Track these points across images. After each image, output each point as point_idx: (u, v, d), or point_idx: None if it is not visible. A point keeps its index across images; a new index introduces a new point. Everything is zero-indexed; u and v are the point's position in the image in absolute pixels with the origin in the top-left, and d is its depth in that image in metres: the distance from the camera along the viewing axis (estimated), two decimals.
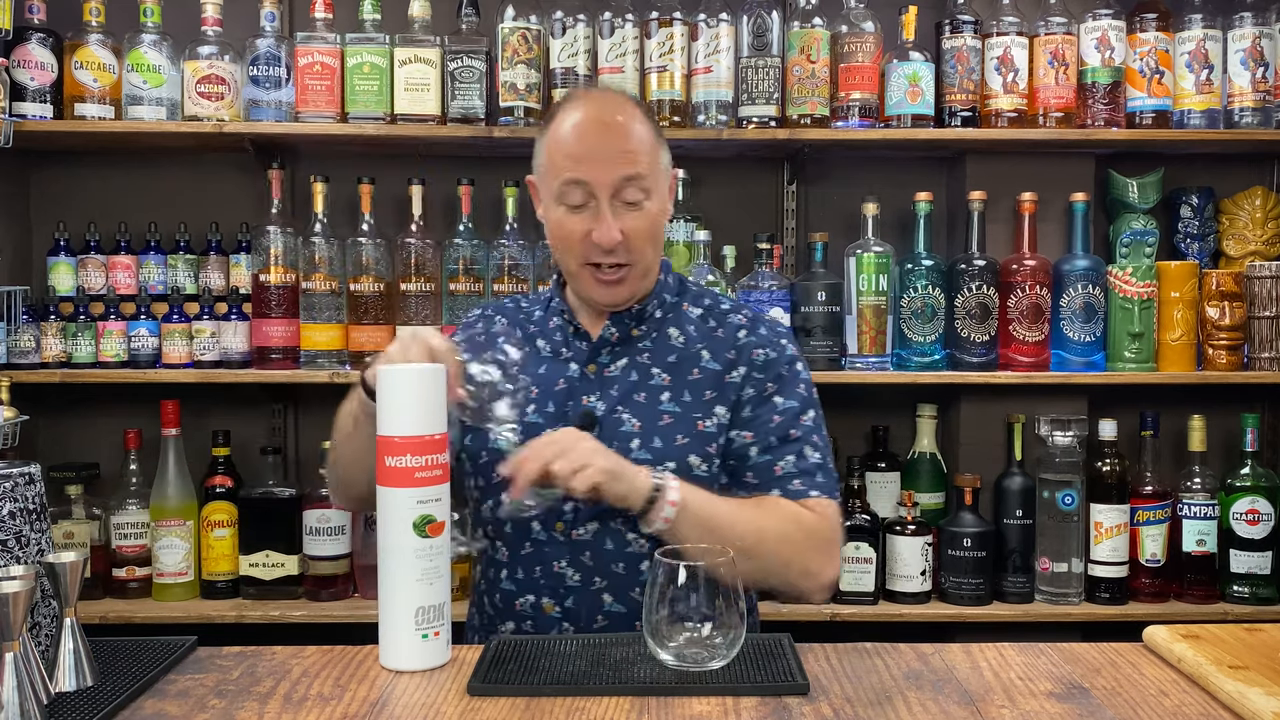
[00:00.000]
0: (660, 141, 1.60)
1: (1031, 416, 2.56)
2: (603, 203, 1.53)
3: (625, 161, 1.53)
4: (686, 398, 1.60)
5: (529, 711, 1.10)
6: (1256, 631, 1.30)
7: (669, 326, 1.66)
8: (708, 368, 1.63)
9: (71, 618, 1.12)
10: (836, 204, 2.77)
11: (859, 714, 1.09)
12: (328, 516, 2.48)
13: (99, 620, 2.39)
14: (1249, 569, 2.52)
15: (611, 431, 1.57)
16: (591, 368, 1.63)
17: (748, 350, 1.64)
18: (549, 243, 1.66)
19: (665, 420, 1.59)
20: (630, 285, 1.60)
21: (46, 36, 2.47)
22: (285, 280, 2.50)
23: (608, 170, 1.53)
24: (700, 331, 1.66)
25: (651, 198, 1.56)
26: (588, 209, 1.55)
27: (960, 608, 2.50)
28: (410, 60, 2.46)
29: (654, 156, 1.57)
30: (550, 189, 1.58)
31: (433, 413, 1.24)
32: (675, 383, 1.61)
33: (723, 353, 1.64)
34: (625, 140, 1.54)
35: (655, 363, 1.63)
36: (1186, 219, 2.76)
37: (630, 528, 1.55)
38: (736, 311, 1.71)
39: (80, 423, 2.73)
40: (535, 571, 1.56)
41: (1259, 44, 2.55)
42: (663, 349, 1.64)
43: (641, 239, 1.56)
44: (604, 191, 1.53)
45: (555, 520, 1.55)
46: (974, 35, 2.55)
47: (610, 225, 1.53)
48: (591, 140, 1.54)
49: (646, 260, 1.59)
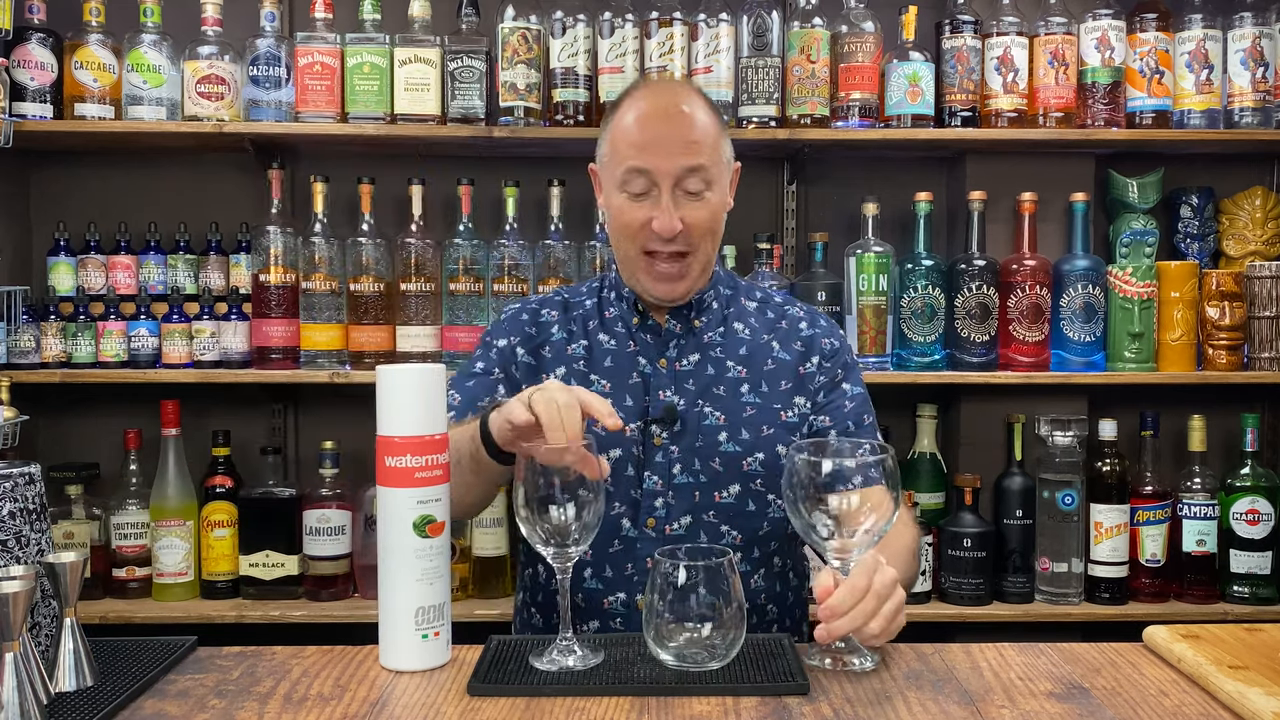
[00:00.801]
0: (723, 133, 1.60)
1: (1031, 416, 2.56)
2: (664, 192, 1.54)
3: (689, 152, 1.54)
4: (765, 389, 1.62)
5: (529, 711, 1.10)
6: (1256, 631, 1.30)
7: (734, 321, 1.67)
8: (780, 358, 1.65)
9: (71, 618, 1.12)
10: (836, 204, 2.77)
11: (859, 714, 1.09)
12: (328, 516, 2.48)
13: (99, 620, 2.39)
14: (1249, 569, 2.52)
15: (695, 426, 1.57)
16: (663, 362, 1.62)
17: (815, 341, 1.67)
18: (607, 231, 1.65)
19: (749, 412, 1.60)
20: (688, 280, 1.59)
21: (46, 36, 2.47)
22: (285, 280, 2.50)
23: (670, 159, 1.53)
24: (763, 324, 1.68)
25: (713, 189, 1.56)
26: (649, 198, 1.55)
27: (960, 608, 2.50)
28: (410, 60, 2.46)
29: (717, 148, 1.57)
30: (613, 176, 1.58)
31: (433, 413, 1.24)
32: (752, 375, 1.63)
33: (791, 344, 1.66)
34: (689, 130, 1.55)
35: (729, 355, 1.64)
36: (1186, 219, 2.76)
37: (723, 519, 1.57)
38: (791, 305, 1.73)
39: (80, 423, 2.73)
40: (627, 569, 1.56)
41: (1259, 44, 2.55)
42: (733, 342, 1.65)
43: (701, 230, 1.56)
44: (666, 180, 1.53)
45: (647, 517, 1.56)
46: (974, 35, 2.55)
47: (671, 214, 1.53)
48: (656, 129, 1.55)
49: (706, 253, 1.59)
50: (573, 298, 1.73)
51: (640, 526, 1.56)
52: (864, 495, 1.20)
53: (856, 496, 1.18)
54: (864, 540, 1.21)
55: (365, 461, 1.66)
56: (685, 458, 1.57)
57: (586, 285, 1.75)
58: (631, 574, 1.56)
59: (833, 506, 1.18)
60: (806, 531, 1.22)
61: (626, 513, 1.56)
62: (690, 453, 1.57)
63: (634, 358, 1.63)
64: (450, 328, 2.50)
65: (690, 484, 1.57)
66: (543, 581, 1.63)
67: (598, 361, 1.64)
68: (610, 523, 1.55)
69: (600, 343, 1.66)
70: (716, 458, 1.57)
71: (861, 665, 1.20)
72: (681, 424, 1.57)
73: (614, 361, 1.64)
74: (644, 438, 1.58)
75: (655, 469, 1.57)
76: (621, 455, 1.57)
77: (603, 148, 1.63)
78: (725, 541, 1.56)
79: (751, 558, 1.60)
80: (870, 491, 1.21)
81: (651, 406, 1.59)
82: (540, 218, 2.64)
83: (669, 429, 1.57)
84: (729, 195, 1.63)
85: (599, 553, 1.56)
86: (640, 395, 1.60)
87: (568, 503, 1.19)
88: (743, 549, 1.58)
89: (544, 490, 1.19)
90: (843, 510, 1.18)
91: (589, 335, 1.67)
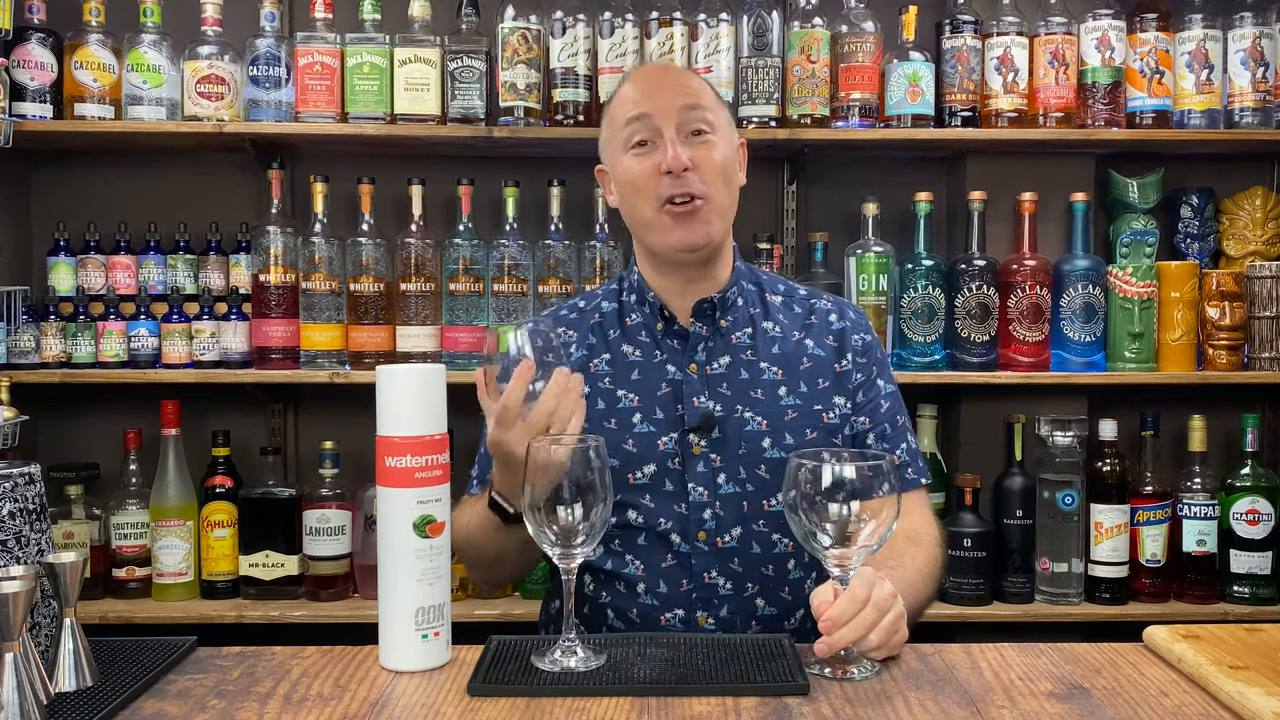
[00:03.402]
0: (722, 102, 1.61)
1: (1031, 416, 2.56)
2: (667, 132, 1.52)
3: (686, 93, 1.55)
4: (803, 389, 1.58)
5: (529, 711, 1.10)
6: (1257, 631, 1.30)
7: (762, 320, 1.62)
8: (815, 355, 1.61)
9: (71, 618, 1.12)
10: (836, 204, 2.77)
11: (859, 714, 1.09)
12: (328, 516, 2.48)
13: (99, 620, 2.39)
14: (1249, 569, 2.52)
15: (736, 432, 1.53)
16: (693, 368, 1.58)
17: (847, 336, 1.63)
18: (622, 206, 1.61)
19: (790, 415, 1.56)
20: (706, 222, 1.53)
21: (46, 36, 2.47)
22: (285, 280, 2.50)
23: (669, 99, 1.53)
24: (791, 320, 1.64)
25: (717, 133, 1.55)
26: (654, 147, 1.53)
27: (960, 608, 2.50)
28: (410, 60, 2.46)
29: (717, 105, 1.58)
30: (616, 142, 1.57)
31: (433, 413, 1.24)
32: (788, 375, 1.58)
33: (823, 339, 1.62)
34: (685, 77, 1.60)
35: (761, 356, 1.59)
36: (1186, 219, 2.76)
37: (774, 528, 1.54)
38: (816, 297, 1.69)
39: (80, 423, 2.73)
40: (683, 585, 1.52)
41: (1259, 44, 2.55)
42: (764, 341, 1.60)
43: (711, 170, 1.53)
44: (668, 121, 1.52)
45: (697, 530, 1.52)
46: (974, 35, 2.55)
47: (678, 151, 1.51)
48: (651, 80, 1.59)
49: (721, 199, 1.55)
50: (588, 304, 1.68)
51: (692, 541, 1.52)
52: (865, 504, 1.19)
53: (856, 504, 1.18)
54: (864, 548, 1.20)
55: (365, 461, 1.66)
56: (730, 466, 1.53)
57: (604, 288, 1.70)
58: (689, 590, 1.52)
59: (833, 514, 1.18)
60: (806, 539, 1.21)
61: (675, 527, 1.52)
62: (734, 461, 1.53)
63: (662, 366, 1.58)
64: (450, 328, 2.50)
65: (738, 493, 1.53)
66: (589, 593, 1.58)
67: (623, 375, 1.59)
68: (660, 538, 1.53)
69: (624, 354, 1.61)
70: (762, 464, 1.53)
71: (862, 675, 1.20)
72: (721, 431, 1.53)
73: (641, 373, 1.59)
74: (682, 449, 1.53)
75: (699, 480, 1.53)
76: (657, 470, 1.53)
77: (604, 129, 1.63)
78: (778, 550, 1.53)
79: (804, 563, 1.56)
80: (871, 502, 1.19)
81: (686, 415, 1.54)
82: (540, 218, 2.64)
83: (707, 436, 1.53)
84: (739, 165, 1.61)
85: (652, 570, 1.52)
86: (672, 405, 1.56)
87: (575, 503, 1.19)
88: (795, 555, 1.55)
89: (551, 491, 1.19)
90: (843, 518, 1.18)
91: (610, 347, 1.62)
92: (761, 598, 1.53)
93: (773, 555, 1.54)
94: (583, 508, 1.19)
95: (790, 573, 1.55)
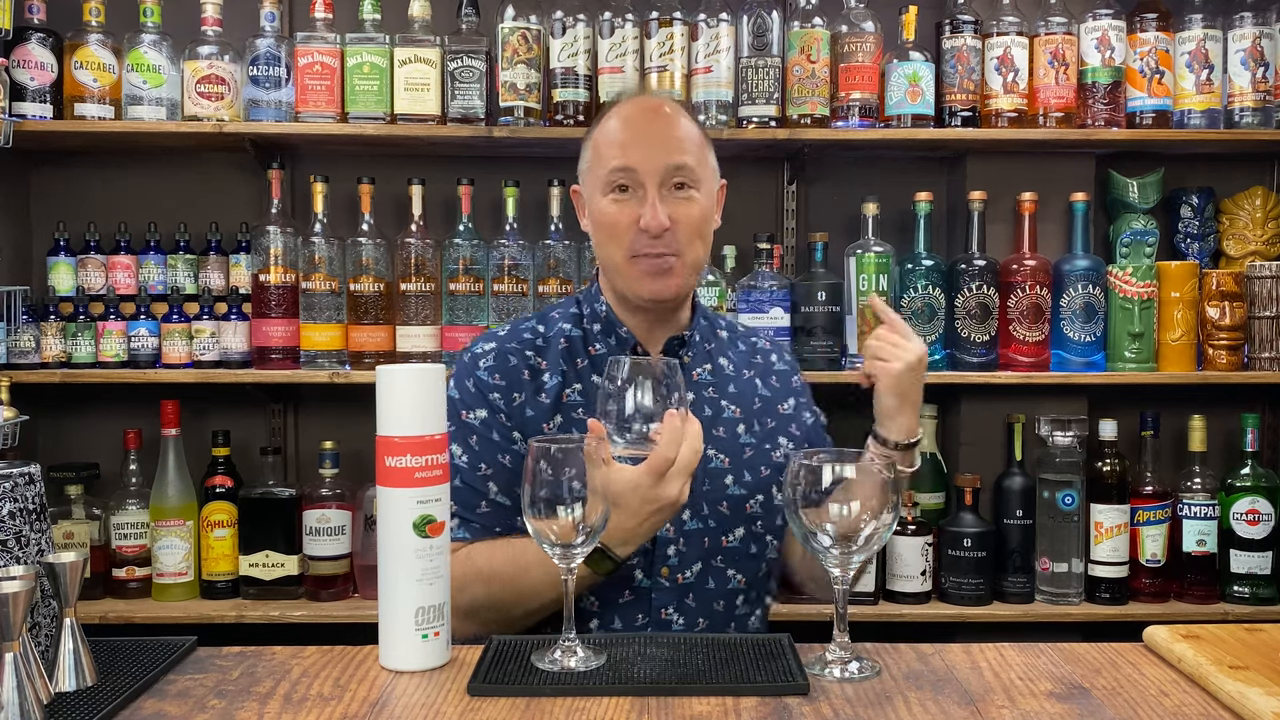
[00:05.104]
0: (708, 145, 1.58)
1: (1031, 416, 2.56)
2: (650, 189, 1.51)
3: (673, 149, 1.52)
4: (758, 428, 1.62)
5: (529, 711, 1.09)
6: (1257, 631, 1.30)
7: (717, 356, 1.65)
8: (763, 395, 1.65)
9: (71, 618, 1.12)
10: (836, 204, 2.77)
11: (859, 714, 1.09)
12: (328, 516, 2.48)
13: (99, 620, 2.39)
14: (1249, 569, 2.52)
15: (701, 469, 1.51)
16: None
17: (787, 378, 1.70)
18: (594, 241, 1.60)
19: (748, 453, 1.59)
20: (678, 277, 1.53)
21: (46, 36, 2.47)
22: (285, 280, 2.50)
23: (655, 157, 1.51)
24: (738, 357, 1.67)
25: (700, 189, 1.54)
26: (635, 197, 1.52)
27: (960, 608, 2.50)
28: (410, 60, 2.46)
29: (701, 152, 1.55)
30: (597, 179, 1.55)
31: (433, 413, 1.24)
32: (745, 413, 1.61)
33: (769, 380, 1.67)
34: (674, 128, 1.54)
35: (721, 395, 1.61)
36: (1186, 219, 2.76)
37: (729, 563, 1.55)
38: (754, 334, 1.75)
39: (80, 423, 2.73)
40: (637, 620, 1.51)
41: (1259, 44, 2.55)
42: (722, 379, 1.63)
43: (689, 229, 1.52)
44: (651, 178, 1.51)
45: (660, 565, 1.52)
46: (974, 35, 2.55)
47: (658, 210, 1.50)
48: (639, 128, 1.54)
49: (695, 255, 1.55)
50: (549, 329, 1.62)
51: (654, 576, 1.51)
52: (864, 502, 1.19)
53: (857, 504, 1.18)
54: (864, 548, 1.20)
55: (365, 461, 1.66)
56: (694, 502, 1.51)
57: (560, 310, 1.66)
58: (643, 625, 1.51)
59: (833, 514, 1.18)
60: (806, 539, 1.21)
61: (640, 563, 1.50)
62: (699, 497, 1.52)
63: None
64: (450, 328, 2.50)
65: (700, 529, 1.53)
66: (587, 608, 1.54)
67: (594, 406, 1.55)
68: (621, 573, 1.49)
69: (594, 385, 1.57)
70: (724, 501, 1.54)
71: (862, 675, 1.20)
72: None
73: None
74: None
75: None
76: None
77: (585, 156, 1.60)
78: (731, 586, 1.54)
79: (751, 599, 1.58)
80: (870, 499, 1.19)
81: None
82: (540, 218, 2.64)
83: None
84: (716, 209, 1.60)
85: (607, 606, 1.51)
86: None
87: (576, 503, 1.19)
88: (744, 592, 1.57)
89: (552, 490, 1.19)
90: (843, 518, 1.18)
91: (581, 376, 1.58)
92: (709, 633, 1.53)
93: (726, 590, 1.55)
94: (583, 508, 1.19)
95: (738, 609, 1.57)
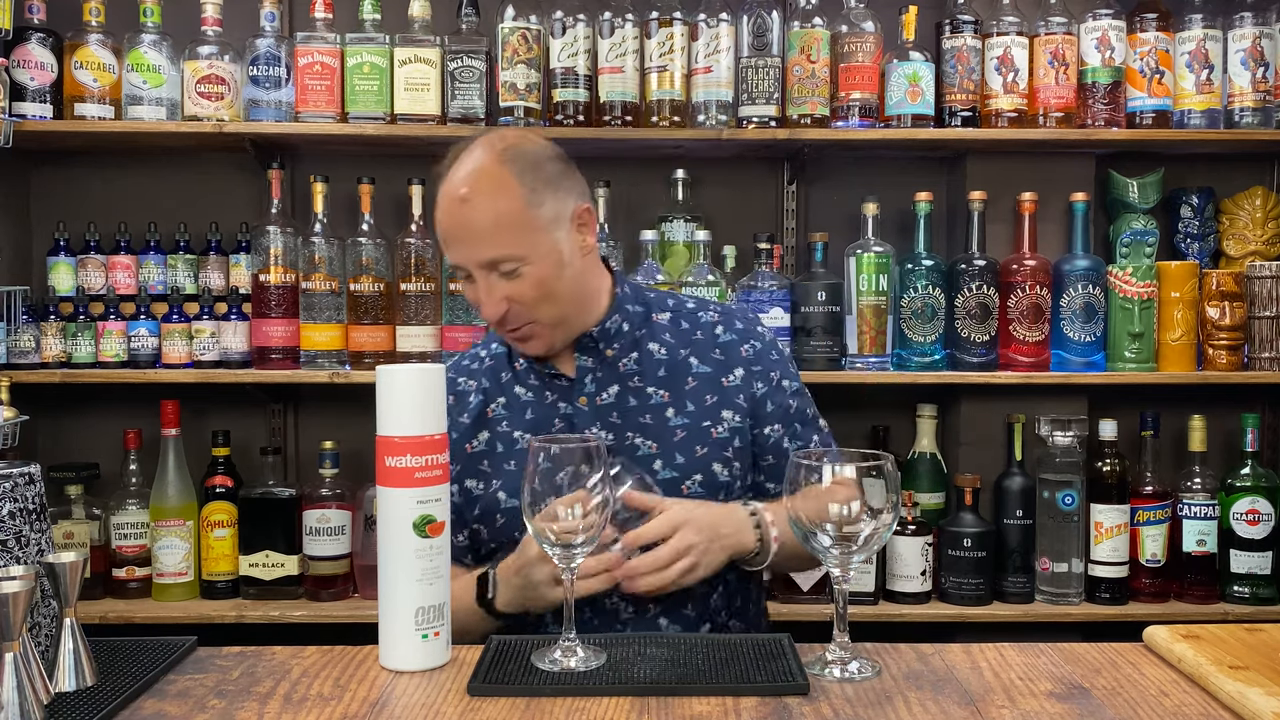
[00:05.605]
0: (536, 199, 1.52)
1: (1031, 416, 2.56)
2: (479, 279, 1.53)
3: (483, 245, 1.51)
4: (690, 407, 1.60)
5: (529, 711, 1.10)
6: (1257, 631, 1.30)
7: (647, 342, 1.64)
8: (700, 372, 1.62)
9: (71, 618, 1.12)
10: (836, 204, 2.77)
11: (859, 714, 1.09)
12: (328, 516, 2.48)
13: (99, 620, 2.39)
14: (1249, 569, 2.52)
15: (630, 459, 1.54)
16: (583, 400, 1.61)
17: (734, 349, 1.65)
18: None
19: (679, 435, 1.58)
20: (541, 339, 1.58)
21: (46, 36, 2.47)
22: (285, 280, 2.50)
23: (470, 254, 1.53)
24: (677, 337, 1.65)
25: (528, 264, 1.52)
26: (473, 282, 1.55)
27: (960, 608, 2.50)
28: (410, 60, 2.46)
29: (520, 228, 1.51)
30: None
31: (433, 413, 1.24)
32: (674, 396, 1.60)
33: (709, 354, 1.64)
34: (478, 220, 1.51)
35: (648, 381, 1.61)
36: (1186, 219, 2.76)
37: None
38: (704, 309, 1.70)
39: (80, 423, 2.73)
40: (585, 612, 1.51)
41: (1259, 44, 2.55)
42: (650, 365, 1.62)
43: (528, 302, 1.53)
44: (478, 271, 1.53)
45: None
46: (974, 35, 2.55)
47: (490, 301, 1.53)
48: (452, 222, 1.54)
49: (551, 312, 1.55)
50: (485, 350, 1.71)
51: None
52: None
53: (857, 504, 1.18)
54: (865, 548, 1.20)
55: (365, 461, 1.65)
56: None
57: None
58: (590, 616, 1.52)
59: (833, 514, 1.18)
60: (806, 539, 1.22)
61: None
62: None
63: (554, 405, 1.61)
64: (450, 328, 2.50)
65: (634, 517, 1.52)
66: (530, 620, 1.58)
67: (518, 416, 1.62)
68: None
69: (518, 396, 1.64)
70: (655, 488, 1.53)
71: (862, 675, 1.20)
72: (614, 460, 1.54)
73: (534, 413, 1.62)
74: None
75: None
76: None
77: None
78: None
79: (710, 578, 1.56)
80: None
81: None
82: None
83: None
84: (566, 253, 1.55)
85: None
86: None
87: (575, 503, 1.19)
88: None
89: (552, 491, 1.19)
90: (843, 518, 1.18)
91: (504, 390, 1.64)
92: (664, 617, 1.54)
93: None
94: (582, 508, 1.19)
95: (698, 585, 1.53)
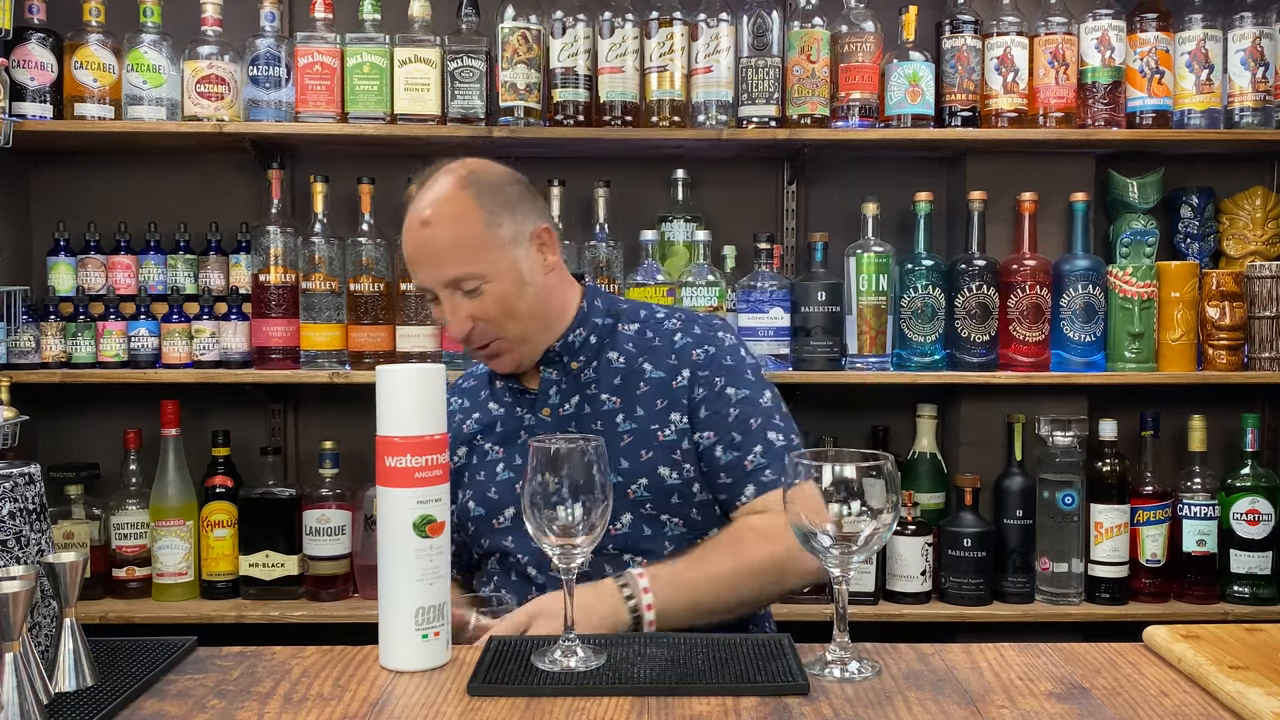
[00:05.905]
0: (495, 220, 1.59)
1: (1031, 416, 2.56)
2: (444, 302, 1.60)
3: (444, 264, 1.58)
4: (639, 412, 1.62)
5: (529, 711, 1.09)
6: (1257, 631, 1.30)
7: (608, 351, 1.68)
8: (653, 378, 1.65)
9: (71, 618, 1.12)
10: (836, 204, 2.77)
11: (859, 714, 1.09)
12: (328, 516, 2.48)
13: (99, 620, 2.39)
14: (1249, 569, 2.52)
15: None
16: (545, 411, 1.66)
17: (686, 352, 1.66)
18: None
19: (626, 440, 1.60)
20: (510, 355, 1.64)
21: (46, 36, 2.47)
22: (285, 280, 2.50)
23: (436, 274, 1.59)
24: (639, 346, 1.68)
25: (489, 282, 1.58)
26: (439, 303, 1.61)
27: (960, 608, 2.50)
28: (410, 60, 2.46)
29: (479, 247, 1.58)
30: None
31: (433, 413, 1.24)
32: (625, 401, 1.63)
33: (664, 360, 1.66)
34: (439, 241, 1.58)
35: (602, 389, 1.65)
36: (1186, 219, 2.76)
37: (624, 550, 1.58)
38: (671, 317, 1.72)
39: (80, 423, 2.73)
40: None
41: (1259, 44, 2.55)
42: (606, 373, 1.66)
43: (491, 319, 1.60)
44: (442, 291, 1.60)
45: (548, 563, 1.56)
46: (974, 35, 2.55)
47: (456, 320, 1.60)
48: (415, 245, 1.61)
49: (515, 328, 1.61)
50: (476, 370, 1.79)
51: (547, 571, 1.60)
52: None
53: (856, 504, 1.18)
54: (864, 548, 1.20)
55: (365, 461, 1.66)
56: None
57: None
58: None
59: (833, 514, 1.18)
60: (806, 539, 1.22)
61: (531, 561, 1.61)
62: None
63: (520, 417, 1.68)
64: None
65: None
66: None
67: (489, 430, 1.70)
68: (521, 574, 1.61)
69: (491, 411, 1.71)
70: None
71: (862, 675, 1.20)
72: None
73: (503, 425, 1.69)
74: None
75: None
76: (515, 511, 1.60)
77: None
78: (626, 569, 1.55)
79: None
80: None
81: None
82: None
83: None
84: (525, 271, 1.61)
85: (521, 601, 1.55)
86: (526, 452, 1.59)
87: (575, 503, 1.19)
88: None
89: (551, 490, 1.19)
90: (843, 518, 1.18)
91: (480, 407, 1.73)
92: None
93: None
94: (582, 508, 1.19)
95: None
